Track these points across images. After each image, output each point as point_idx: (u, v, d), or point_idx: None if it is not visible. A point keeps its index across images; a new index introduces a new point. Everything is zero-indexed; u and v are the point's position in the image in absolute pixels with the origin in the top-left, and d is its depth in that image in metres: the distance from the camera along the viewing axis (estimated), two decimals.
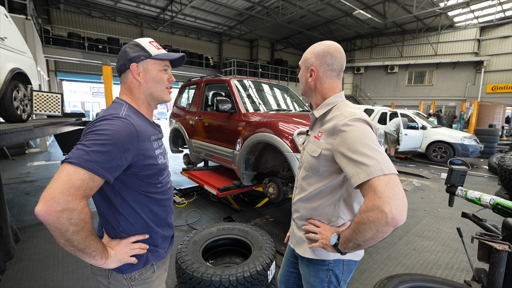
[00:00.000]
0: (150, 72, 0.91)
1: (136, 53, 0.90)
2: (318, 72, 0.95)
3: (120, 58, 0.92)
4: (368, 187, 0.71)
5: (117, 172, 0.77)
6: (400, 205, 0.67)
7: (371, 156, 0.74)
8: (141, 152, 0.83)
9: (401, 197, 0.68)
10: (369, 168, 0.72)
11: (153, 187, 0.92)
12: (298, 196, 1.02)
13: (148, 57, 0.90)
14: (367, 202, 0.71)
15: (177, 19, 14.48)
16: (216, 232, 2.02)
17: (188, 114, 4.17)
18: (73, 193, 0.68)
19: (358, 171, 0.74)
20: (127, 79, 0.92)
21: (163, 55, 0.93)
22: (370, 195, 0.71)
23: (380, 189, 0.69)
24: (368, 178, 0.71)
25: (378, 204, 0.68)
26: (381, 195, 0.68)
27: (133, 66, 0.89)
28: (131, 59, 0.90)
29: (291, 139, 2.41)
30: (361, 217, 0.73)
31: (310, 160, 0.94)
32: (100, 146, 0.72)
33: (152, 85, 0.92)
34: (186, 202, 3.71)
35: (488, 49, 16.85)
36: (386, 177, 0.70)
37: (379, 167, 0.71)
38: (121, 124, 0.78)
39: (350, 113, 0.85)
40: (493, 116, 13.91)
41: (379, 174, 0.70)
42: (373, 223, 0.69)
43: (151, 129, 0.93)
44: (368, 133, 0.79)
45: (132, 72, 0.90)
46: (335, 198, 0.92)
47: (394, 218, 0.66)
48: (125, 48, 0.92)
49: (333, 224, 0.94)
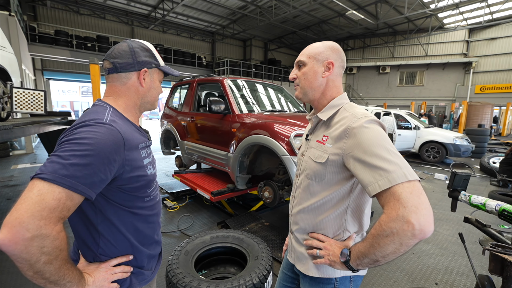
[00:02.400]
0: (154, 81, 0.90)
1: (148, 59, 0.86)
2: (335, 67, 0.86)
3: (124, 55, 0.81)
4: (390, 195, 0.63)
5: (99, 187, 0.67)
6: (428, 215, 0.60)
7: (391, 160, 0.66)
8: (128, 162, 0.73)
9: (428, 206, 0.61)
10: (391, 174, 0.64)
11: (140, 201, 0.81)
12: (298, 207, 0.92)
13: (157, 67, 0.89)
14: (390, 212, 0.63)
15: (168, 17, 14.23)
16: (209, 241, 1.92)
17: (180, 115, 4.03)
18: (46, 216, 0.56)
19: (377, 177, 0.66)
20: (129, 80, 0.83)
21: (168, 69, 0.94)
22: (392, 204, 0.63)
23: (404, 197, 0.61)
24: (390, 185, 0.63)
25: (403, 214, 0.60)
26: (406, 204, 0.60)
27: (143, 70, 0.84)
28: (142, 63, 0.84)
29: (287, 141, 2.33)
30: (381, 229, 0.64)
31: (314, 167, 0.85)
32: (80, 158, 0.61)
33: (153, 94, 0.90)
34: (178, 206, 3.58)
35: (477, 51, 17.23)
36: (410, 184, 0.63)
37: (402, 172, 0.64)
38: (105, 131, 0.67)
39: (362, 115, 0.77)
40: (482, 116, 14.23)
41: (402, 181, 0.63)
42: (396, 236, 0.61)
43: (139, 136, 0.82)
44: (385, 136, 0.72)
45: (140, 75, 0.84)
46: (342, 209, 0.83)
47: (422, 229, 0.59)
48: (134, 48, 0.83)
49: (338, 238, 0.85)
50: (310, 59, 0.88)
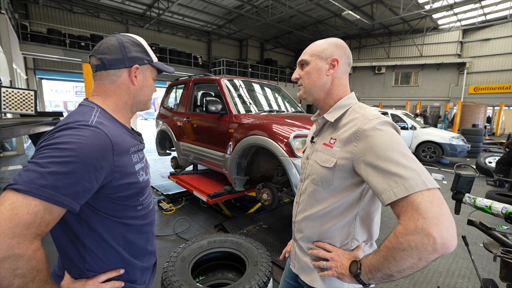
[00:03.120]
0: (147, 78, 0.83)
1: (140, 54, 0.79)
2: (340, 64, 0.81)
3: (113, 51, 0.74)
4: (407, 205, 0.58)
5: (84, 198, 0.60)
6: (451, 227, 0.54)
7: (408, 166, 0.60)
8: (117, 169, 0.66)
9: (451, 217, 0.55)
10: (408, 181, 0.58)
11: (132, 211, 0.74)
12: (303, 214, 0.86)
13: (150, 63, 0.82)
14: (407, 223, 0.57)
15: (164, 16, 14.09)
16: (206, 246, 1.85)
17: (176, 115, 3.95)
18: (20, 234, 0.50)
19: (392, 184, 0.60)
20: (118, 77, 0.76)
21: (162, 66, 0.87)
22: (410, 214, 0.57)
23: (424, 207, 0.56)
24: (407, 194, 0.58)
25: (423, 226, 0.54)
26: (426, 215, 0.55)
27: (135, 67, 0.76)
28: (133, 59, 0.76)
29: (287, 142, 2.27)
30: (397, 242, 0.58)
31: (320, 172, 0.79)
32: (60, 165, 0.54)
33: (145, 93, 0.83)
34: (174, 208, 3.50)
35: (470, 51, 17.44)
36: (430, 193, 0.57)
37: (420, 179, 0.58)
38: (90, 134, 0.61)
39: (374, 116, 0.71)
40: (476, 116, 14.41)
41: (421, 189, 0.57)
42: (415, 250, 0.55)
43: (130, 139, 0.76)
44: (400, 139, 0.66)
45: (131, 72, 0.76)
46: (351, 217, 0.77)
47: (444, 243, 0.53)
48: (124, 43, 0.75)
49: (346, 247, 0.79)
50: (313, 57, 0.82)
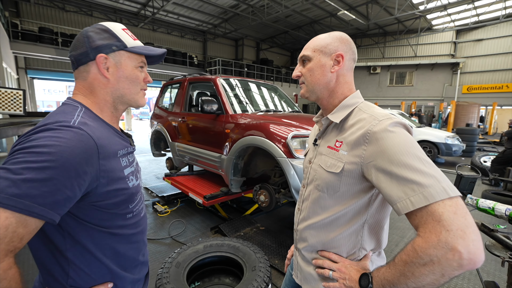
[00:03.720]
0: (124, 68, 0.71)
1: (105, 41, 0.69)
2: (345, 60, 0.75)
3: (78, 45, 0.68)
4: (428, 215, 0.53)
5: (65, 207, 0.54)
6: (477, 240, 0.49)
7: (426, 172, 0.55)
8: (103, 174, 0.60)
9: (476, 229, 0.50)
10: (427, 189, 0.53)
11: (121, 219, 0.68)
12: (306, 222, 0.80)
13: (122, 49, 0.70)
14: (428, 236, 0.52)
15: (159, 15, 13.92)
16: (202, 250, 1.79)
17: (171, 115, 3.88)
18: None
19: (408, 192, 0.55)
20: (88, 73, 0.69)
21: (141, 49, 0.74)
22: (431, 226, 0.52)
23: (447, 218, 0.50)
24: (427, 203, 0.52)
25: (447, 240, 0.49)
26: (450, 227, 0.49)
27: (100, 57, 0.67)
28: (97, 48, 0.67)
29: (284, 143, 2.22)
30: (417, 256, 0.52)
31: (326, 177, 0.73)
32: (37, 171, 0.49)
33: (125, 85, 0.72)
34: (169, 210, 3.43)
35: (464, 52, 17.64)
36: (452, 202, 0.52)
37: (441, 187, 0.53)
38: (72, 136, 0.55)
39: (384, 116, 0.66)
40: (469, 116, 14.60)
41: (443, 198, 0.52)
42: (438, 265, 0.50)
43: (119, 140, 0.70)
44: (415, 142, 0.61)
45: (99, 65, 0.68)
46: (358, 225, 0.72)
47: (471, 258, 0.48)
48: (88, 33, 0.68)
49: (353, 257, 0.74)
50: (315, 53, 0.76)
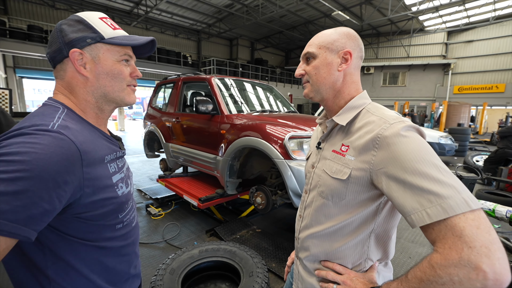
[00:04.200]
0: (103, 63, 0.63)
1: (78, 34, 0.60)
2: (353, 57, 0.71)
3: (52, 41, 0.61)
4: (447, 230, 0.48)
5: (43, 222, 0.48)
6: (503, 258, 0.45)
7: (444, 181, 0.50)
8: (88, 183, 0.54)
9: (501, 246, 0.46)
10: (446, 201, 0.48)
11: (109, 231, 0.62)
12: (309, 230, 0.76)
13: (99, 41, 0.62)
14: (448, 253, 0.47)
15: (152, 14, 13.75)
16: (198, 255, 1.74)
17: (165, 116, 3.80)
18: None
19: (425, 204, 0.50)
20: (65, 72, 0.62)
21: (122, 39, 0.64)
22: (451, 241, 0.47)
23: (469, 233, 0.46)
24: (446, 216, 0.48)
25: (471, 258, 0.44)
26: (473, 243, 0.45)
27: (73, 53, 0.59)
28: (70, 43, 0.59)
29: (281, 144, 2.18)
30: (435, 275, 0.48)
31: (331, 184, 0.69)
32: (7, 183, 0.43)
33: (106, 82, 0.64)
34: (163, 213, 3.35)
35: (455, 53, 17.97)
36: (474, 215, 0.47)
37: (461, 198, 0.48)
38: (50, 142, 0.48)
39: (395, 119, 0.61)
40: (460, 116, 14.85)
41: (464, 210, 0.47)
42: (459, 285, 0.45)
43: (106, 144, 0.63)
44: (430, 148, 0.56)
45: (74, 62, 0.60)
46: (365, 235, 0.68)
47: (497, 279, 0.43)
48: (61, 26, 0.61)
49: (359, 269, 0.70)
50: (321, 50, 0.71)
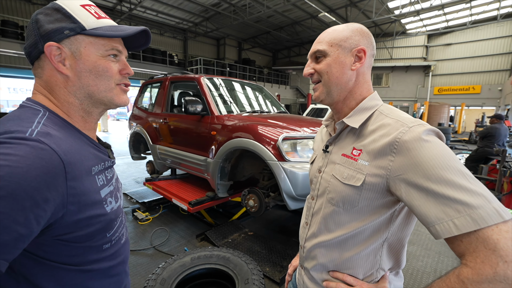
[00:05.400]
0: (85, 58, 0.53)
1: (55, 24, 0.51)
2: (367, 55, 0.67)
3: (28, 34, 0.52)
4: (478, 242, 0.45)
5: (16, 249, 0.40)
6: None
7: (473, 190, 0.47)
8: (72, 199, 0.46)
9: None
10: (476, 211, 0.45)
11: (95, 253, 0.54)
12: (317, 239, 0.71)
13: (80, 32, 0.52)
14: (480, 267, 0.44)
15: (136, 11, 13.36)
16: (190, 263, 1.66)
17: (151, 116, 3.66)
18: None
19: (451, 213, 0.47)
20: (43, 70, 0.53)
21: (107, 29, 0.54)
22: (483, 255, 0.44)
23: (504, 246, 0.43)
24: (477, 228, 0.45)
25: (507, 273, 0.42)
26: (510, 257, 0.42)
27: (50, 47, 0.50)
28: (46, 35, 0.51)
29: (274, 145, 2.14)
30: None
31: (342, 191, 0.64)
32: None
33: (89, 81, 0.54)
34: (150, 218, 3.22)
35: (435, 55, 18.71)
36: (508, 226, 0.44)
37: (492, 208, 0.45)
38: (27, 152, 0.41)
39: (414, 122, 0.57)
40: (440, 116, 15.48)
41: (497, 222, 0.44)
42: None
43: (94, 153, 0.55)
44: (453, 154, 0.52)
45: (50, 58, 0.51)
46: (377, 244, 0.64)
47: None
48: (37, 16, 0.52)
49: (370, 279, 0.66)
50: (333, 48, 0.66)
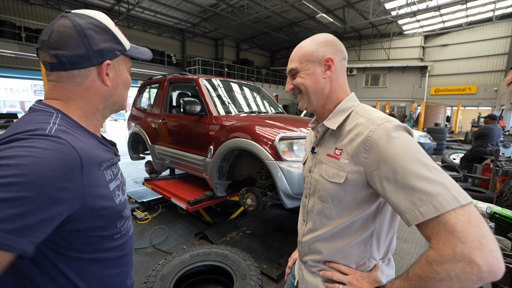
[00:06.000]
0: (122, 73, 0.65)
1: (109, 44, 0.59)
2: (335, 62, 0.72)
3: (72, 44, 0.54)
4: (439, 226, 0.50)
5: (40, 233, 0.44)
6: (496, 250, 0.46)
7: (433, 179, 0.52)
8: (88, 191, 0.50)
9: (493, 238, 0.48)
10: (436, 198, 0.50)
11: (107, 242, 0.59)
12: (312, 234, 0.77)
13: (123, 53, 0.63)
14: (442, 249, 0.49)
15: (134, 12, 13.37)
16: (189, 260, 1.70)
17: (150, 117, 3.70)
18: None
19: (416, 202, 0.52)
20: (85, 79, 0.57)
21: (134, 52, 0.67)
22: (444, 238, 0.49)
23: (461, 228, 0.47)
24: (437, 213, 0.50)
25: (464, 252, 0.46)
26: (466, 238, 0.47)
27: (106, 64, 0.59)
28: (102, 52, 0.57)
29: (272, 145, 2.18)
30: (433, 271, 0.49)
31: (329, 188, 0.70)
32: (1, 189, 0.39)
33: (121, 92, 0.66)
34: (150, 217, 3.25)
35: (431, 56, 18.86)
36: (465, 210, 0.49)
37: (450, 195, 0.50)
38: (49, 146, 0.45)
39: (382, 119, 0.62)
40: (437, 116, 15.59)
41: (454, 206, 0.49)
42: (456, 280, 0.47)
43: (103, 151, 0.60)
44: (419, 147, 0.58)
45: (102, 72, 0.58)
46: (367, 234, 0.69)
47: (491, 271, 0.45)
48: (85, 31, 0.55)
49: (363, 268, 0.72)
50: (303, 64, 0.73)
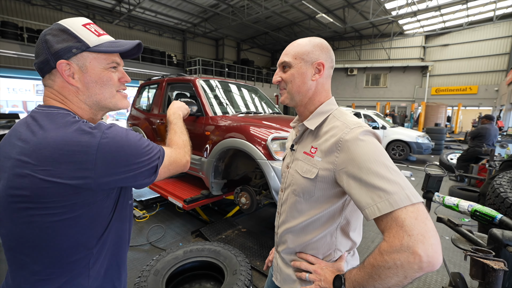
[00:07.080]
0: (91, 71, 0.65)
1: (63, 44, 0.62)
2: (325, 68, 0.78)
3: (39, 52, 0.63)
4: (392, 221, 0.56)
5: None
6: (436, 244, 0.53)
7: (391, 179, 0.58)
8: None
9: (436, 234, 0.54)
10: (392, 196, 0.56)
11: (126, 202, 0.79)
12: (285, 225, 0.83)
13: (85, 50, 0.63)
14: (392, 241, 0.55)
15: (135, 12, 13.44)
16: (182, 256, 1.76)
17: (149, 117, 3.76)
18: None
19: (375, 199, 0.58)
20: (54, 82, 0.64)
21: (107, 46, 0.66)
22: (395, 231, 0.55)
23: (409, 223, 0.54)
24: (391, 209, 0.56)
25: (409, 244, 0.52)
26: (412, 232, 0.53)
27: (61, 64, 0.62)
28: (56, 54, 0.61)
29: (264, 145, 2.24)
30: (382, 260, 0.56)
31: (301, 183, 0.76)
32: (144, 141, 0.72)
33: (96, 90, 0.66)
34: (148, 215, 3.32)
35: (432, 56, 18.83)
36: (414, 208, 0.55)
37: (404, 194, 0.56)
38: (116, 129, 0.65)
39: (355, 124, 0.69)
40: (437, 116, 15.57)
41: (405, 204, 0.55)
42: (401, 268, 0.53)
43: None
44: (383, 150, 0.64)
45: (62, 73, 0.63)
46: (333, 228, 0.75)
47: (430, 261, 0.51)
48: (45, 36, 0.62)
49: (329, 259, 0.77)
50: (297, 60, 0.77)
